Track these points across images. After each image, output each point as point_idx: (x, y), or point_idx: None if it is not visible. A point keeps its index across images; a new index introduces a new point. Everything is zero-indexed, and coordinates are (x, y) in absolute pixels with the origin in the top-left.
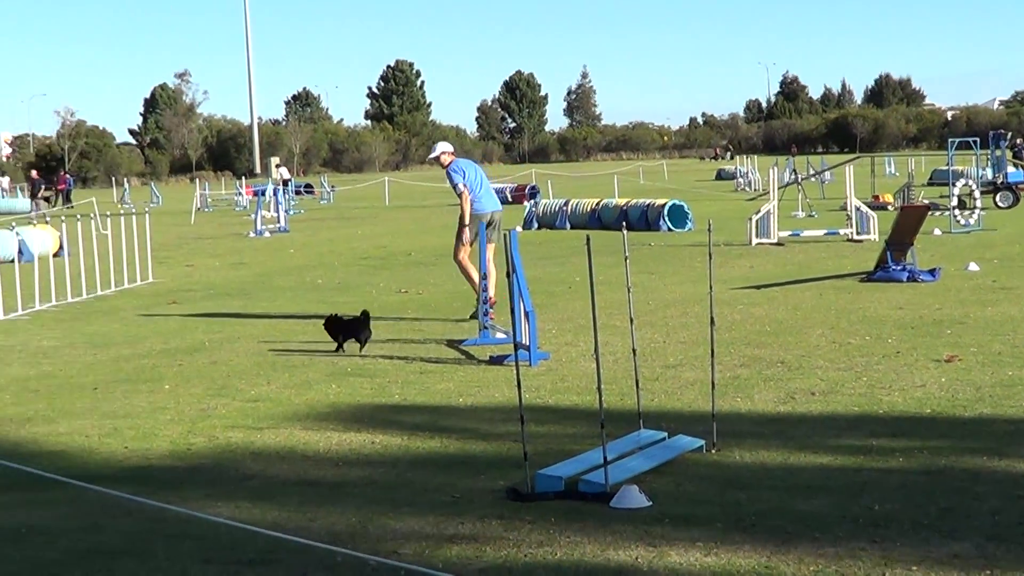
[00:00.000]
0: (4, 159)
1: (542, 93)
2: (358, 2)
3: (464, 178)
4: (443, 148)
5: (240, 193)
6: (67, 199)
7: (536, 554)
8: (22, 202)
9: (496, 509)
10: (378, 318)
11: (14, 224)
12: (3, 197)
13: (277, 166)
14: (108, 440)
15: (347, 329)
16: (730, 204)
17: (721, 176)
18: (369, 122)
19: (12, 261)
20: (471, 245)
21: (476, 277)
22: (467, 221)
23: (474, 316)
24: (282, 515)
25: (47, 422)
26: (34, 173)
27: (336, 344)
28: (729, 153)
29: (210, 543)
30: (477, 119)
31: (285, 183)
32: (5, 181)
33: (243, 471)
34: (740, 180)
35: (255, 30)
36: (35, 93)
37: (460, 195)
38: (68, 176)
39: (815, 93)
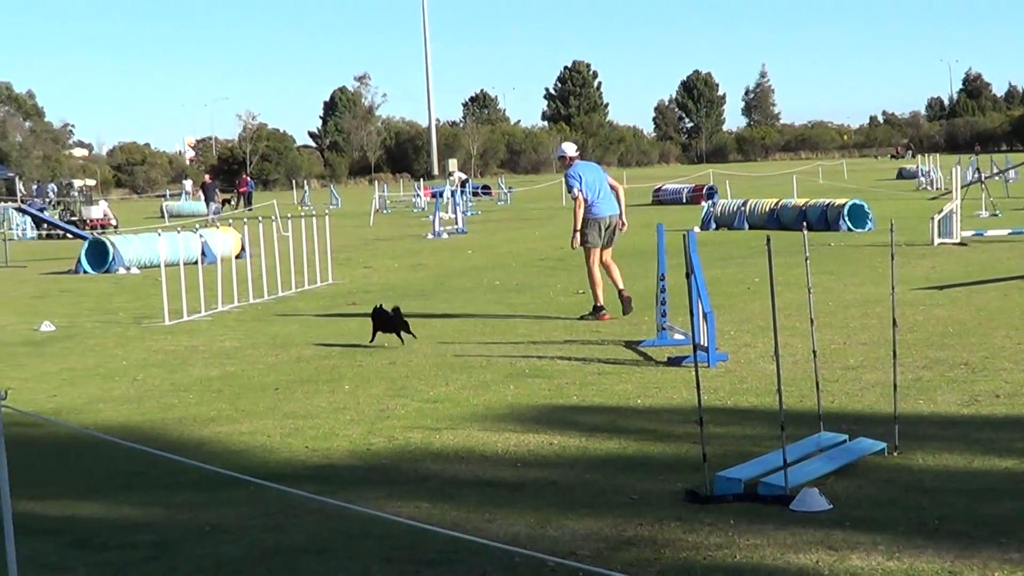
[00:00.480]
0: (188, 162)
1: (720, 92)
2: (535, 3)
3: (581, 183)
4: (568, 151)
5: (418, 195)
6: (248, 202)
7: (715, 556)
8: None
9: (675, 511)
10: (555, 318)
11: (197, 227)
12: (186, 199)
13: (450, 174)
14: (289, 440)
15: (385, 322)
16: (912, 204)
17: (902, 175)
18: (546, 123)
19: (195, 263)
20: (597, 249)
21: (600, 284)
22: (578, 226)
23: (584, 318)
24: (461, 515)
25: (229, 422)
26: (207, 177)
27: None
28: (910, 152)
29: (391, 542)
30: (654, 119)
31: (463, 184)
32: (188, 184)
33: (422, 471)
34: (922, 179)
35: (433, 33)
36: (218, 97)
37: (575, 200)
38: (249, 179)
39: (999, 90)
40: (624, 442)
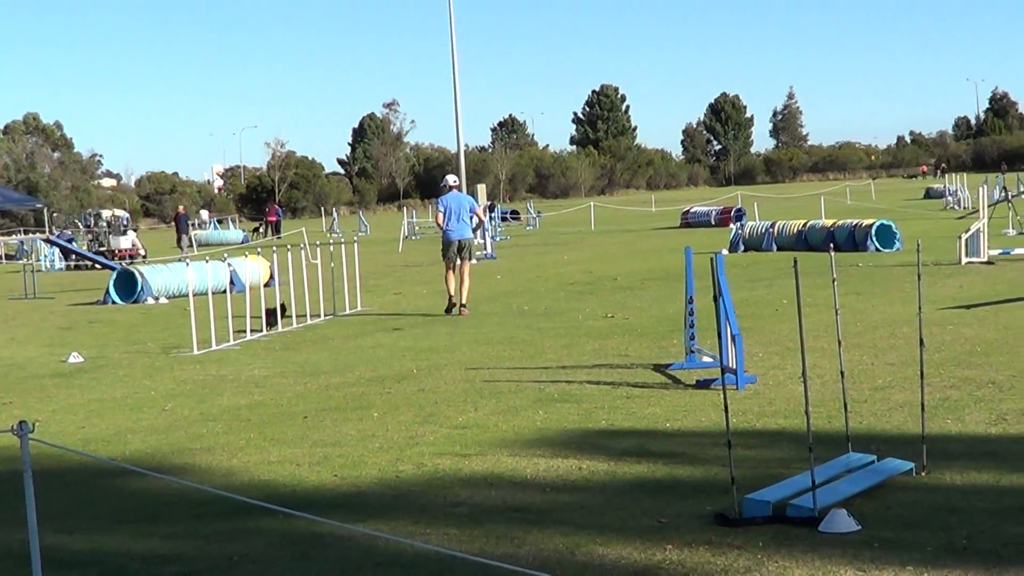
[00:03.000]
0: (216, 191)
1: (747, 115)
2: (563, 28)
3: (444, 210)
4: (448, 181)
5: None
6: (276, 230)
7: None
8: (234, 233)
9: (704, 534)
10: (584, 342)
11: (226, 255)
12: (201, 229)
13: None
14: (318, 468)
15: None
16: (939, 223)
17: (930, 195)
18: (574, 147)
19: (224, 292)
20: (447, 262)
21: (450, 287)
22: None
23: (446, 311)
24: (490, 542)
25: (258, 450)
26: (180, 208)
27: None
28: (940, 171)
29: (419, 571)
30: (682, 142)
31: (490, 208)
32: (204, 214)
33: (451, 498)
34: (949, 199)
35: (461, 58)
36: (246, 125)
37: (436, 220)
38: (277, 208)
39: None
40: (653, 466)
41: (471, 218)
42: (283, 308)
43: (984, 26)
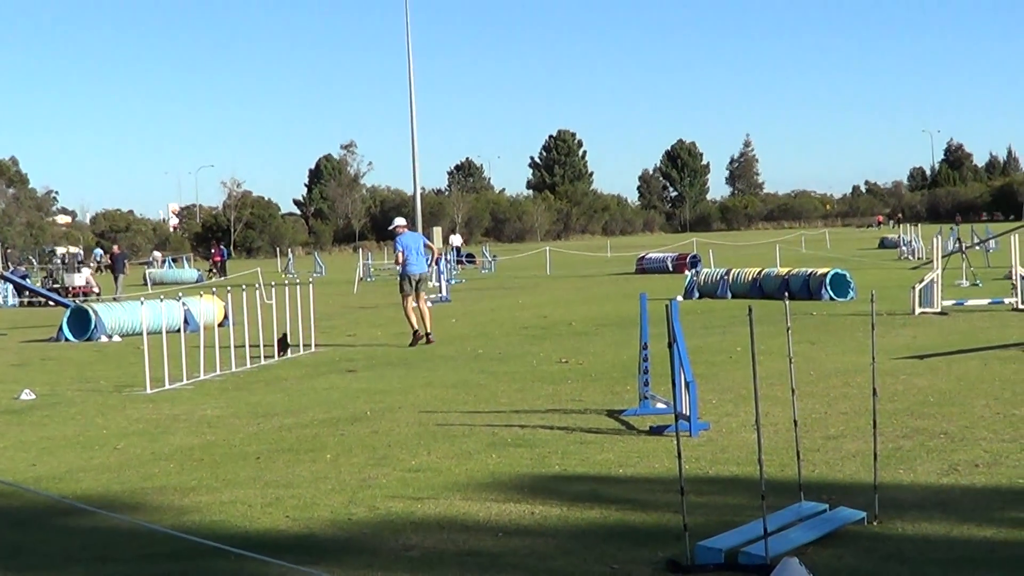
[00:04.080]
0: (172, 230)
1: (704, 162)
2: (521, 73)
3: (402, 248)
4: (397, 223)
5: None
6: (222, 271)
7: None
8: (188, 272)
9: None
10: (538, 386)
11: (180, 294)
12: (153, 267)
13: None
14: (270, 509)
15: None
16: (893, 273)
17: (884, 244)
18: (531, 192)
19: (178, 331)
20: (410, 296)
21: (413, 321)
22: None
23: (411, 345)
24: None
25: (210, 491)
26: (115, 248)
27: None
28: (896, 221)
29: None
30: (639, 188)
31: (457, 250)
32: (157, 255)
33: (403, 541)
34: (903, 248)
35: (419, 101)
36: (203, 164)
37: (396, 258)
38: (223, 248)
39: (980, 160)
40: (605, 511)
41: (426, 253)
42: (285, 338)
43: (940, 77)
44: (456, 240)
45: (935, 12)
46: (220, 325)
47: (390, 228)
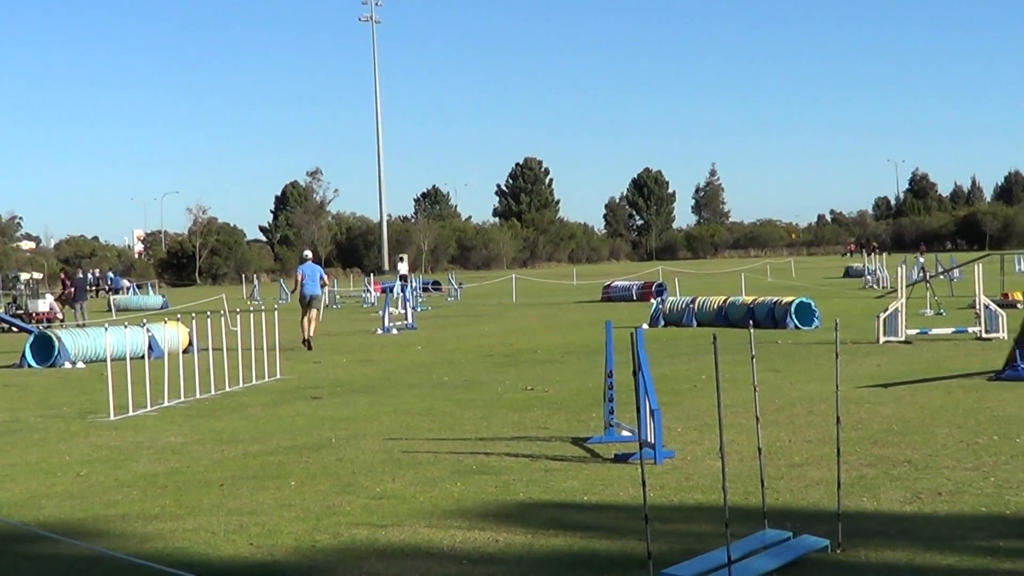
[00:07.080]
0: (136, 256)
1: (670, 191)
2: (488, 101)
3: (300, 274)
4: (304, 255)
5: (368, 290)
6: (72, 303)
7: None
8: (153, 298)
9: None
10: (503, 414)
11: (144, 321)
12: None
13: (400, 260)
14: (234, 536)
15: None
16: (858, 302)
17: (849, 273)
18: (497, 219)
19: (142, 357)
20: (302, 315)
21: (305, 329)
22: (296, 291)
23: (305, 343)
24: None
25: (173, 518)
26: (80, 274)
27: None
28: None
29: None
30: (605, 216)
31: (403, 278)
32: (123, 282)
33: (367, 569)
34: (868, 278)
35: (386, 129)
36: (168, 190)
37: (295, 280)
38: (77, 278)
39: (945, 190)
40: (570, 539)
41: (320, 282)
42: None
43: (906, 107)
44: (403, 268)
45: (900, 42)
46: (185, 352)
47: (301, 256)
